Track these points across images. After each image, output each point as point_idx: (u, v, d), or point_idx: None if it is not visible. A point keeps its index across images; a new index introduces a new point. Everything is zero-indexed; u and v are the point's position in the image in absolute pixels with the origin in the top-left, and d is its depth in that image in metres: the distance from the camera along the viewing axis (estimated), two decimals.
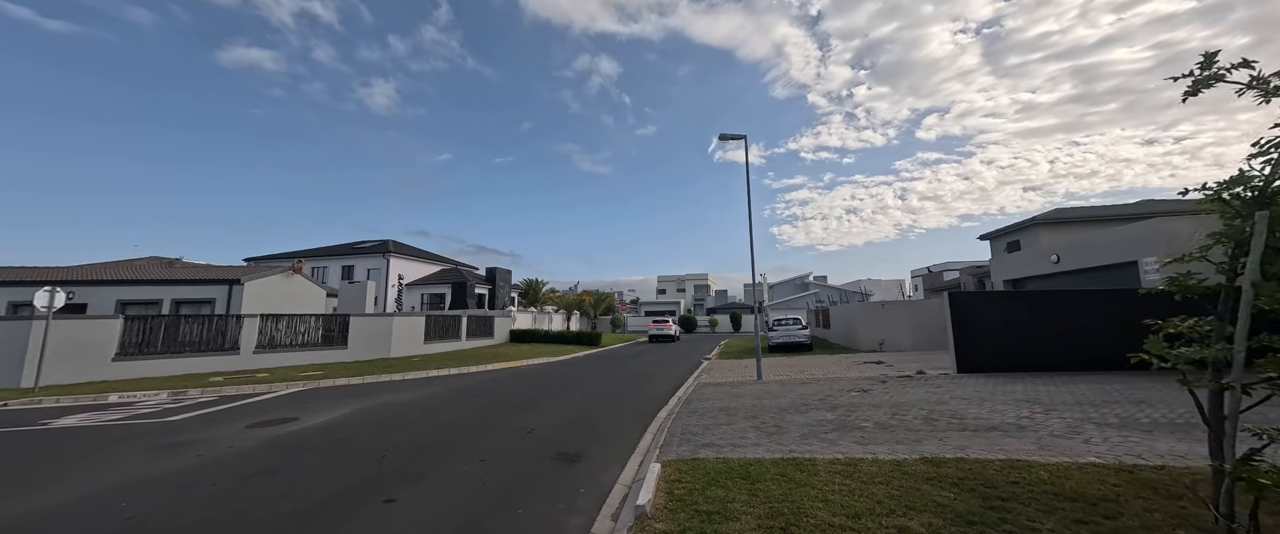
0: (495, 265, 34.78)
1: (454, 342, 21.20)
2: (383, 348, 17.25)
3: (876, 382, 9.52)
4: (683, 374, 13.41)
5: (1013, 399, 6.94)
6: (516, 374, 13.62)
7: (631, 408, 8.46)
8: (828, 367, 12.91)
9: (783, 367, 13.39)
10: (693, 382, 11.51)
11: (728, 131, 11.71)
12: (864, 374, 10.89)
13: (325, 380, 11.84)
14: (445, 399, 9.32)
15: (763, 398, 8.41)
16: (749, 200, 11.91)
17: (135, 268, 17.34)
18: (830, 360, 14.58)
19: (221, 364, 13.77)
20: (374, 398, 9.50)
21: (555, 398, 9.39)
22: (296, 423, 7.19)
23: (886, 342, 16.58)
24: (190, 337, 13.55)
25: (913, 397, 7.64)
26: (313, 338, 15.84)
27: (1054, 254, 11.96)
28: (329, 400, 9.27)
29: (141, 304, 16.02)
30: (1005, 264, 14.59)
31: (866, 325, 17.42)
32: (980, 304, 9.82)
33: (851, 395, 8.16)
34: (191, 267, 17.98)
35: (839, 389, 8.90)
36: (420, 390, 10.49)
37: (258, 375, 12.68)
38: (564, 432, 6.60)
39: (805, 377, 11.02)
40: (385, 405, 8.61)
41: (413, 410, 8.14)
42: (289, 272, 18.75)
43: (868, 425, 5.90)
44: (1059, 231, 21.27)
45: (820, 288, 54.07)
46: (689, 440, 5.72)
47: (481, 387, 11.07)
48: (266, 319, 14.97)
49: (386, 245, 32.38)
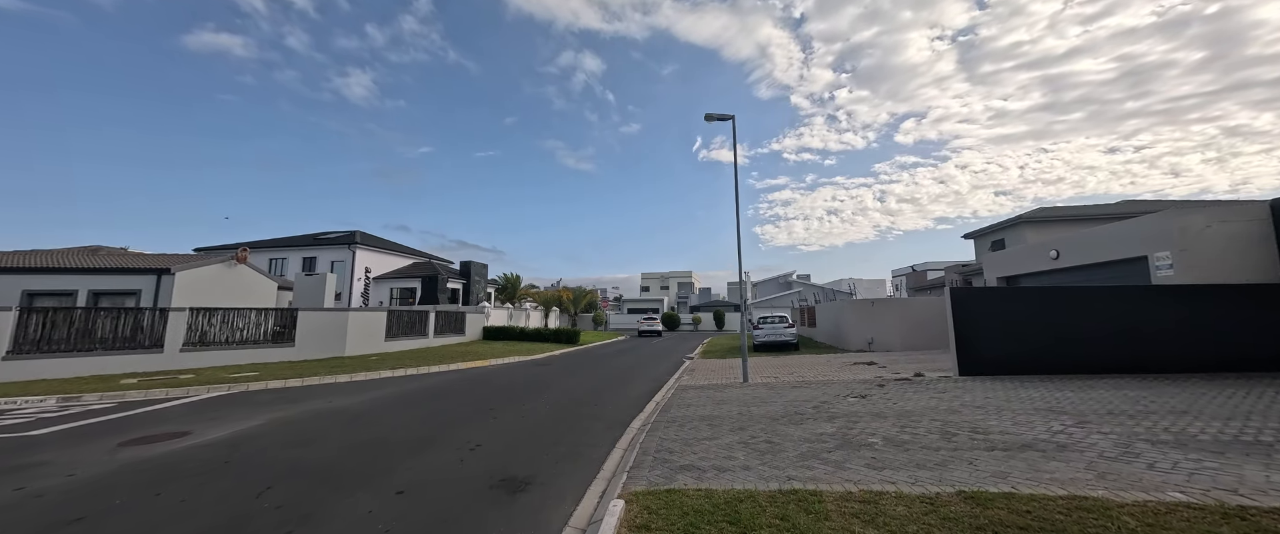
0: (471, 260, 33.14)
1: (419, 339, 19.74)
2: (336, 346, 15.74)
3: (874, 385, 8.66)
4: (662, 375, 12.39)
5: (1033, 408, 6.11)
6: (480, 375, 12.38)
7: (602, 415, 7.38)
8: (817, 367, 12.07)
9: (770, 367, 12.50)
10: (673, 384, 10.50)
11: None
12: (858, 376, 10.05)
13: (258, 383, 10.41)
14: (386, 406, 8.06)
15: (750, 404, 7.43)
16: (737, 187, 10.94)
17: (48, 256, 15.36)
18: (819, 360, 13.77)
19: (141, 364, 12.13)
20: (302, 404, 8.18)
21: (516, 403, 8.24)
22: (185, 439, 5.87)
23: (876, 341, 15.89)
24: (104, 333, 11.87)
25: (919, 404, 6.76)
26: (253, 335, 14.24)
27: (1053, 250, 11.36)
28: (246, 408, 7.91)
29: (54, 295, 14.14)
30: (998, 261, 14.03)
31: (855, 324, 16.72)
32: (985, 301, 9.07)
33: (849, 401, 7.25)
34: (115, 254, 16.06)
35: (834, 394, 7.99)
36: (362, 395, 9.19)
37: (181, 377, 11.13)
38: (516, 448, 5.48)
39: (795, 379, 10.12)
40: (309, 415, 7.31)
41: (338, 421, 6.88)
42: (232, 261, 17.00)
43: (876, 441, 4.95)
44: (1044, 229, 21.03)
45: (804, 286, 53.92)
46: (664, 461, 4.67)
47: (436, 390, 9.82)
48: (197, 313, 13.33)
49: (353, 236, 30.45)
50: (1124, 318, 8.16)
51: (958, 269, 24.01)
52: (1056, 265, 11.28)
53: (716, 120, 10.99)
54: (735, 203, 10.89)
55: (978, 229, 25.62)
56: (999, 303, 9.02)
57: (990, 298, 9.20)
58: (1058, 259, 11.20)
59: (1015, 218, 22.37)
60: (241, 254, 17.38)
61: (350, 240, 29.93)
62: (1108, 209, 22.56)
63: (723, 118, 10.98)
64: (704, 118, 10.99)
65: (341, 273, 29.50)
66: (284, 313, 14.98)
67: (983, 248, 25.14)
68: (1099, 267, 10.20)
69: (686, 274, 70.93)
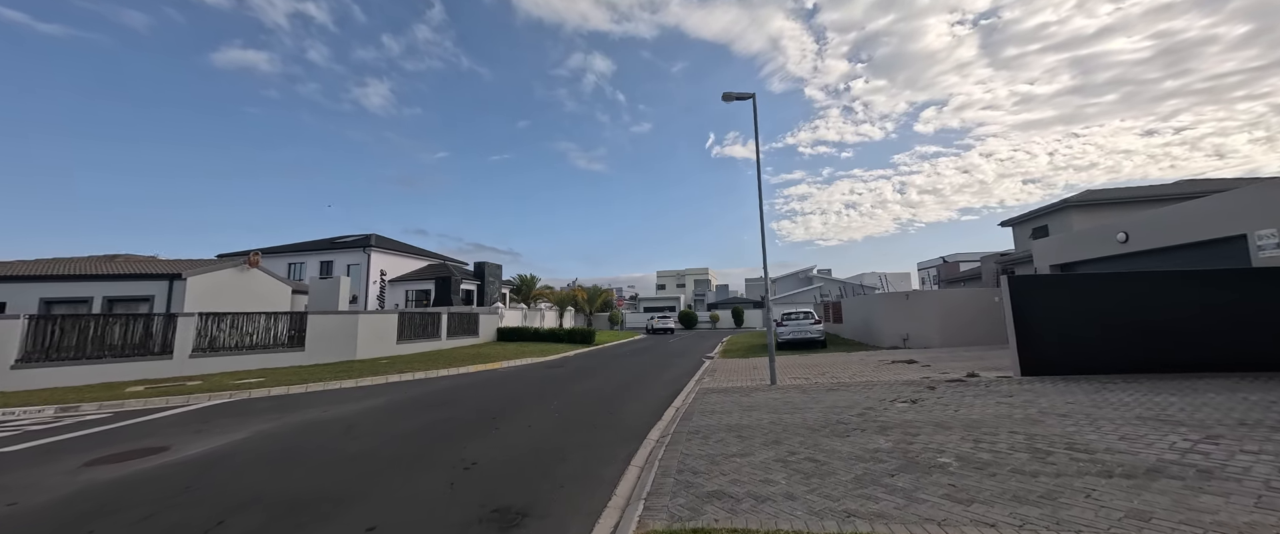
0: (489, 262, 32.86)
1: (432, 341, 19.36)
2: (346, 350, 15.41)
3: (922, 388, 7.66)
4: (681, 376, 11.57)
5: (1135, 416, 5.08)
6: (490, 379, 11.78)
7: (616, 425, 6.61)
8: (851, 367, 11.06)
9: (798, 367, 11.55)
10: (693, 387, 9.67)
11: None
12: (900, 377, 9.03)
13: (261, 390, 10.02)
14: (383, 415, 7.47)
15: (783, 410, 6.56)
16: (759, 170, 10.03)
17: (62, 263, 15.47)
18: (851, 359, 12.73)
19: (150, 370, 11.94)
20: (298, 413, 7.66)
21: (523, 411, 7.55)
22: (159, 457, 5.34)
23: (911, 337, 14.72)
24: (113, 340, 11.71)
25: (987, 411, 5.78)
26: (263, 339, 13.99)
27: (1121, 232, 10.09)
28: (238, 418, 7.43)
29: (70, 303, 14.18)
30: (1051, 248, 12.72)
31: (887, 319, 15.56)
32: (1051, 291, 7.96)
33: (898, 408, 6.30)
34: (130, 261, 16.13)
35: (878, 398, 7.04)
36: (363, 402, 8.65)
37: (188, 384, 10.85)
38: (517, 467, 4.76)
39: (829, 380, 9.17)
40: (299, 426, 6.76)
41: (328, 433, 6.30)
42: (244, 265, 16.88)
43: (949, 461, 4.05)
44: (1093, 213, 19.40)
45: (825, 281, 52.24)
46: (688, 485, 3.88)
47: (440, 396, 9.23)
48: (207, 318, 13.12)
49: (368, 240, 30.48)
50: (1224, 307, 6.98)
51: (996, 259, 22.43)
52: (1125, 249, 10.02)
53: (735, 100, 10.10)
54: (758, 187, 9.98)
55: (1017, 216, 23.95)
56: (1067, 292, 7.90)
57: (1057, 287, 8.07)
58: (1127, 242, 9.93)
59: (1060, 202, 20.73)
60: (253, 258, 17.27)
61: (365, 243, 29.97)
62: (1163, 190, 20.74)
63: (742, 97, 10.08)
64: (722, 97, 10.10)
65: (357, 276, 29.58)
66: (294, 317, 14.71)
67: (1022, 236, 23.48)
68: (1180, 249, 8.93)
69: (703, 271, 69.76)
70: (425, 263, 33.51)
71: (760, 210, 10.11)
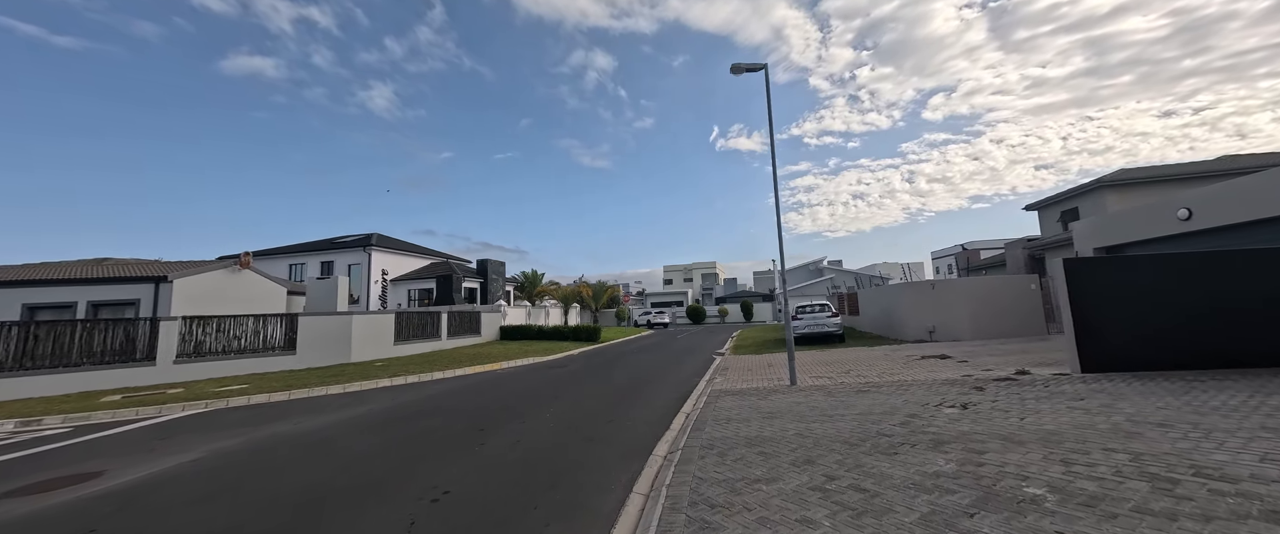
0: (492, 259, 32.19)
1: (431, 342, 18.70)
2: (340, 352, 14.77)
3: (968, 389, 6.71)
4: (691, 376, 10.71)
5: (1259, 426, 4.12)
6: (485, 382, 11.02)
7: (618, 436, 5.78)
8: (876, 363, 10.11)
9: (817, 364, 10.63)
10: (704, 389, 8.81)
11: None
12: (937, 375, 8.08)
13: (241, 398, 9.34)
14: (360, 427, 6.71)
15: (810, 418, 5.68)
16: (773, 148, 9.07)
17: (47, 268, 14.98)
18: (874, 355, 11.76)
19: (133, 378, 11.36)
20: (266, 427, 6.93)
21: (515, 420, 6.74)
22: (89, 485, 4.61)
23: (938, 328, 13.70)
24: (93, 346, 11.13)
25: (1059, 420, 4.84)
26: (252, 343, 13.38)
27: (1183, 208, 8.98)
28: (203, 433, 6.72)
29: (54, 308, 13.66)
30: (1096, 229, 11.61)
31: (912, 310, 14.55)
32: (1119, 274, 6.95)
33: (948, 415, 5.38)
34: (116, 264, 15.62)
35: (919, 401, 6.12)
36: (343, 411, 7.91)
37: (168, 392, 10.22)
38: (495, 496, 3.95)
39: (856, 379, 8.25)
40: (260, 443, 6.01)
41: (287, 453, 5.53)
42: (235, 266, 16.29)
43: (1040, 493, 3.14)
44: (1130, 193, 18.14)
45: (836, 273, 50.94)
46: (704, 525, 3.03)
47: (429, 402, 8.47)
48: (192, 322, 12.51)
49: (369, 239, 29.93)
50: None
51: (1023, 244, 21.19)
52: (1187, 227, 8.91)
53: (745, 71, 9.13)
54: (773, 167, 9.04)
55: (1044, 199, 22.64)
56: (1141, 275, 6.86)
57: (1128, 269, 7.02)
58: (1190, 219, 8.84)
59: (1093, 182, 19.44)
60: (245, 259, 16.67)
61: (366, 243, 29.43)
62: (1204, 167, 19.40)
63: (752, 68, 9.11)
64: (731, 69, 9.14)
65: (359, 276, 29.08)
66: (284, 319, 14.08)
67: (1049, 220, 22.21)
68: (1255, 226, 7.84)
69: (710, 265, 68.69)
70: (428, 262, 32.93)
71: (775, 192, 9.17)
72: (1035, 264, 20.94)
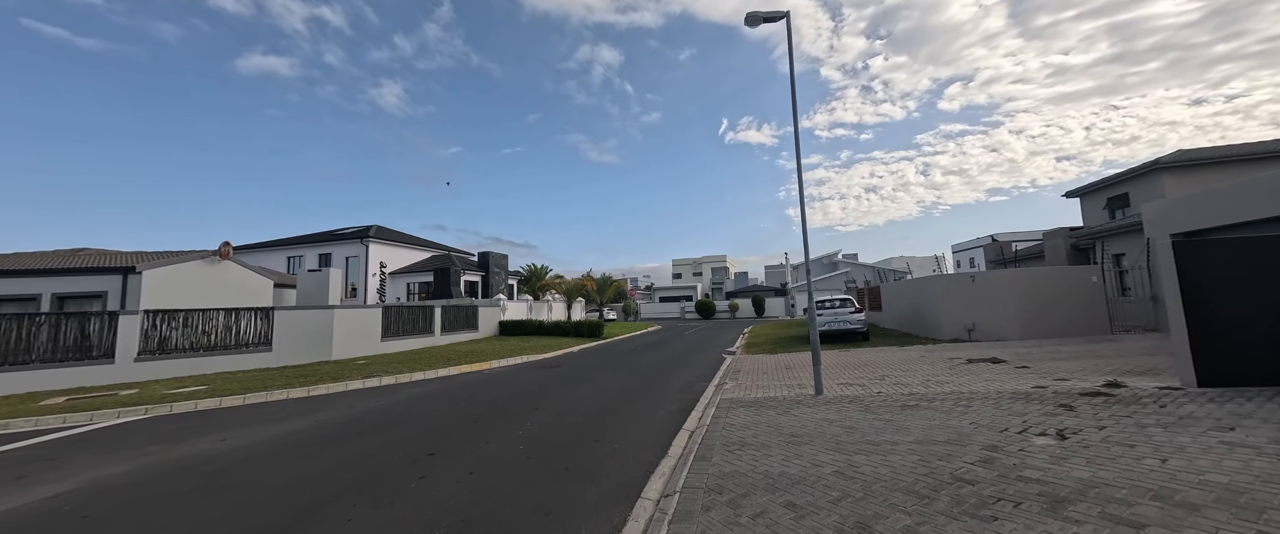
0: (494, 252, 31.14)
1: (423, 338, 17.65)
2: (321, 349, 13.75)
3: (1054, 406, 5.28)
4: (697, 380, 9.38)
5: None
6: (466, 384, 9.84)
7: (601, 465, 4.49)
8: (914, 367, 8.67)
9: (843, 367, 9.23)
10: (713, 396, 7.48)
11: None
12: (999, 385, 6.63)
13: (187, 404, 8.27)
14: (293, 446, 5.53)
15: (850, 446, 4.33)
16: (795, 112, 7.66)
17: (11, 259, 14.16)
18: (908, 357, 10.30)
19: (88, 377, 10.42)
20: (185, 443, 5.79)
21: (476, 441, 5.51)
22: None
23: (978, 326, 12.15)
24: (43, 342, 10.19)
25: (1220, 462, 3.42)
26: (223, 339, 12.39)
27: None
28: (103, 451, 5.61)
29: (16, 301, 12.81)
30: (1174, 212, 9.94)
31: (947, 305, 13.01)
32: (1247, 260, 5.43)
33: (1043, 446, 3.99)
34: (85, 255, 14.78)
35: (992, 425, 4.72)
36: (287, 422, 6.76)
37: (120, 395, 9.23)
38: None
39: (896, 389, 6.85)
40: (163, 467, 4.86)
41: (186, 483, 4.36)
42: (214, 257, 15.34)
43: None
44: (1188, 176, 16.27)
45: (852, 266, 49.07)
46: None
47: (389, 412, 7.29)
48: (155, 317, 11.54)
49: (367, 231, 29.05)
50: None
51: (1065, 234, 19.36)
52: None
53: (764, 22, 7.69)
54: (795, 138, 7.61)
55: (1088, 185, 20.74)
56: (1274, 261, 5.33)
57: (1262, 253, 5.45)
58: None
59: (1145, 165, 17.53)
60: (225, 249, 15.71)
61: (365, 235, 28.55)
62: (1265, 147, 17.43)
63: (772, 17, 7.67)
64: (746, 20, 7.71)
65: (357, 268, 28.25)
66: (259, 313, 13.07)
67: (1093, 208, 20.33)
68: None
69: (721, 259, 67.04)
70: (428, 254, 32.02)
71: (798, 164, 7.75)
72: (1079, 255, 19.12)
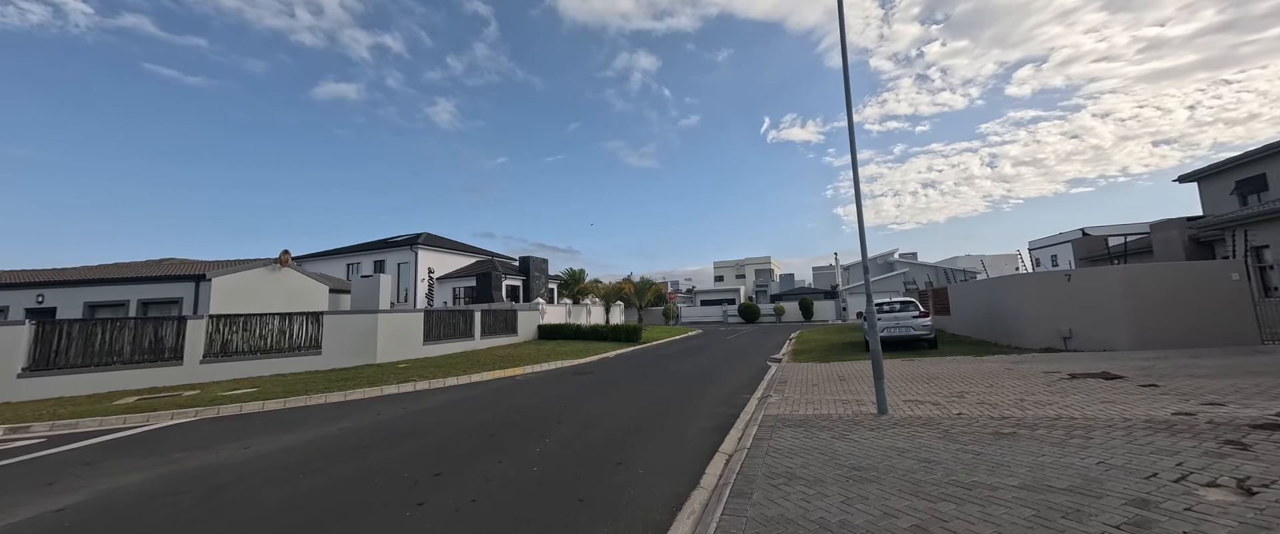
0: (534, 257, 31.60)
1: (463, 341, 17.87)
2: (366, 352, 14.15)
3: (1215, 442, 3.99)
4: (738, 391, 8.49)
5: None
6: (492, 393, 9.54)
7: (619, 501, 3.83)
8: (1000, 382, 7.30)
9: (910, 380, 8.00)
10: (755, 412, 6.60)
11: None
12: (1122, 409, 5.29)
13: (232, 406, 8.55)
14: (308, 458, 5.32)
15: (932, 489, 3.38)
16: (847, 88, 6.68)
17: (106, 269, 15.74)
18: (989, 369, 8.82)
19: (160, 377, 11.19)
20: (203, 453, 5.78)
21: (494, 456, 5.03)
22: None
23: (1076, 333, 10.32)
24: (121, 345, 11.06)
25: None
26: (278, 343, 13.00)
27: None
28: (143, 456, 5.70)
29: (110, 306, 14.19)
30: None
31: (1034, 307, 11.22)
32: None
33: (1219, 502, 2.87)
34: (167, 264, 16.20)
35: (1128, 466, 3.58)
36: (315, 429, 6.67)
37: (184, 395, 9.78)
38: None
39: (980, 409, 5.66)
40: (176, 478, 4.77)
41: (187, 499, 4.18)
42: (275, 265, 16.33)
43: None
44: None
45: (910, 266, 45.40)
46: None
47: (413, 422, 7.05)
48: (218, 321, 12.28)
49: (417, 238, 30.40)
50: None
51: (1181, 225, 16.44)
52: None
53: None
54: (849, 127, 6.63)
55: (1207, 167, 17.62)
56: None
57: None
58: None
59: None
60: (284, 257, 16.70)
61: (414, 242, 29.87)
62: None
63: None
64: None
65: (407, 274, 29.57)
66: (310, 318, 13.64)
67: (1217, 193, 17.20)
68: None
69: (764, 260, 64.60)
70: (472, 260, 32.97)
71: (853, 158, 6.75)
72: (1200, 249, 16.17)
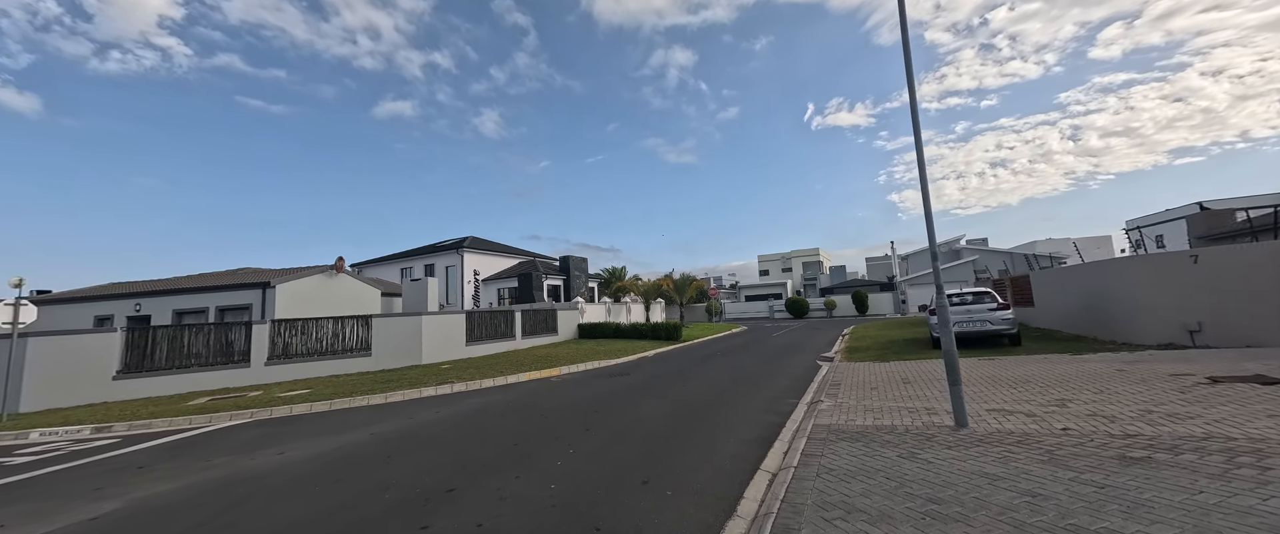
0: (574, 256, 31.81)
1: (505, 342, 18.07)
2: (412, 354, 14.57)
3: None
4: (784, 395, 7.66)
5: None
6: (527, 395, 9.31)
7: (649, 526, 3.29)
8: (1112, 386, 5.99)
9: (993, 384, 6.81)
10: (804, 420, 5.80)
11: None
12: None
13: (283, 408, 8.90)
14: (331, 469, 5.22)
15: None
16: (910, 78, 5.71)
17: (190, 279, 17.33)
18: (1093, 370, 7.38)
19: (231, 379, 12.04)
20: (246, 457, 5.88)
21: (512, 470, 4.67)
22: None
23: (1206, 326, 8.51)
24: (198, 348, 12.01)
25: None
26: (332, 345, 13.66)
27: None
28: (191, 460, 5.88)
29: (194, 313, 15.59)
30: None
31: (1148, 295, 9.42)
32: None
33: None
34: (239, 272, 17.63)
35: None
36: (348, 434, 6.69)
37: (248, 395, 10.42)
38: None
39: (1091, 422, 4.55)
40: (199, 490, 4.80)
41: (196, 513, 4.12)
42: (331, 271, 17.29)
43: None
44: None
45: (980, 253, 41.20)
46: None
47: (440, 427, 6.90)
48: (279, 326, 13.05)
49: (463, 242, 31.50)
50: None
51: None
52: None
53: None
54: (912, 104, 5.66)
55: None
56: None
57: None
58: None
59: None
60: (339, 264, 17.65)
61: (460, 246, 30.92)
62: None
63: None
64: None
65: (454, 277, 30.69)
66: (359, 321, 14.23)
67: None
68: None
69: (813, 252, 61.49)
70: (515, 261, 33.69)
71: (917, 137, 5.76)
72: None
